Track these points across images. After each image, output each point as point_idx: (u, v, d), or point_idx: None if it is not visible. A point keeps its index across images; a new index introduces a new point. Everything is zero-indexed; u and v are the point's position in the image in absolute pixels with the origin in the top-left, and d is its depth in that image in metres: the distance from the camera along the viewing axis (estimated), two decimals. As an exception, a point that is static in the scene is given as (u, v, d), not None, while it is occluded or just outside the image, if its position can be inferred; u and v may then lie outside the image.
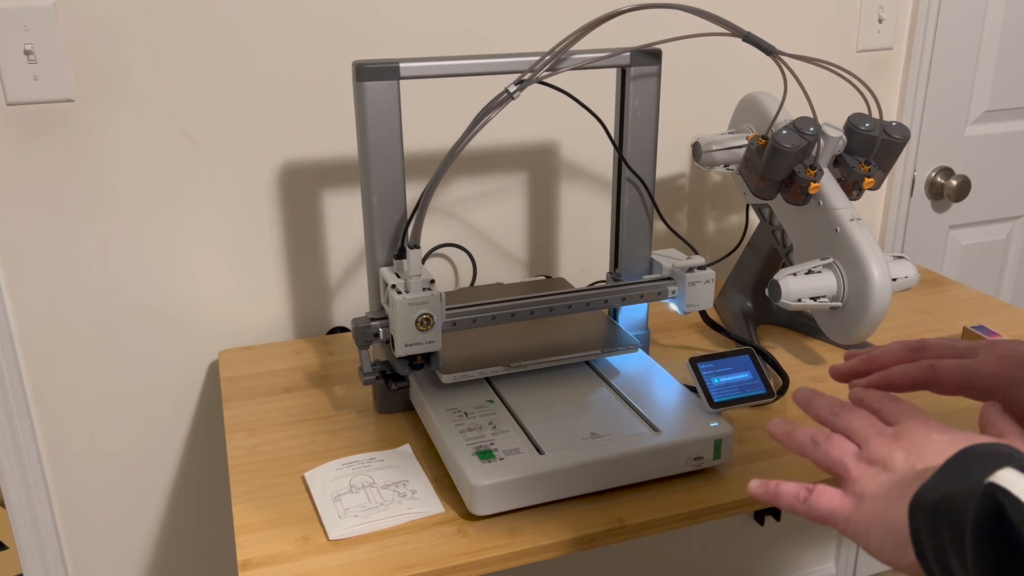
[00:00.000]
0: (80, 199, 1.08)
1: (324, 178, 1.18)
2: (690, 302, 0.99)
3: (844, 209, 0.98)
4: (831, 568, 1.73)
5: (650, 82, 0.97)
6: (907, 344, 0.72)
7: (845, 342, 1.00)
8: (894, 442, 0.55)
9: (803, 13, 1.35)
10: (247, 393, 1.04)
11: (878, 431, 0.57)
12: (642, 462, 0.83)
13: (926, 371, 0.69)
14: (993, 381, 0.67)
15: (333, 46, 1.12)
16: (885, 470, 0.53)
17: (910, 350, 0.72)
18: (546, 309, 0.95)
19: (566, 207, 1.31)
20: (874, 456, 0.55)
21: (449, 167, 0.84)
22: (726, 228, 1.42)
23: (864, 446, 0.56)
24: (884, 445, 0.55)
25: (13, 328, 1.10)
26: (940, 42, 1.44)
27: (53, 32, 1.00)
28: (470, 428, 0.86)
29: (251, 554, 0.76)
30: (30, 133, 1.04)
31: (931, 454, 0.52)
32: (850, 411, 0.60)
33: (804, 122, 0.96)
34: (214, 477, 1.26)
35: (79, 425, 1.17)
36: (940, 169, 1.54)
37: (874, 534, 0.51)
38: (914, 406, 0.60)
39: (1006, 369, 0.67)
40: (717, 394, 0.88)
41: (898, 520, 0.48)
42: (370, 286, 0.94)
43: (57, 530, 1.20)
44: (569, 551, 0.78)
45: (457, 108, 1.19)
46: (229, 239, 1.16)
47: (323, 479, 0.85)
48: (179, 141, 1.10)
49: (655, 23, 1.25)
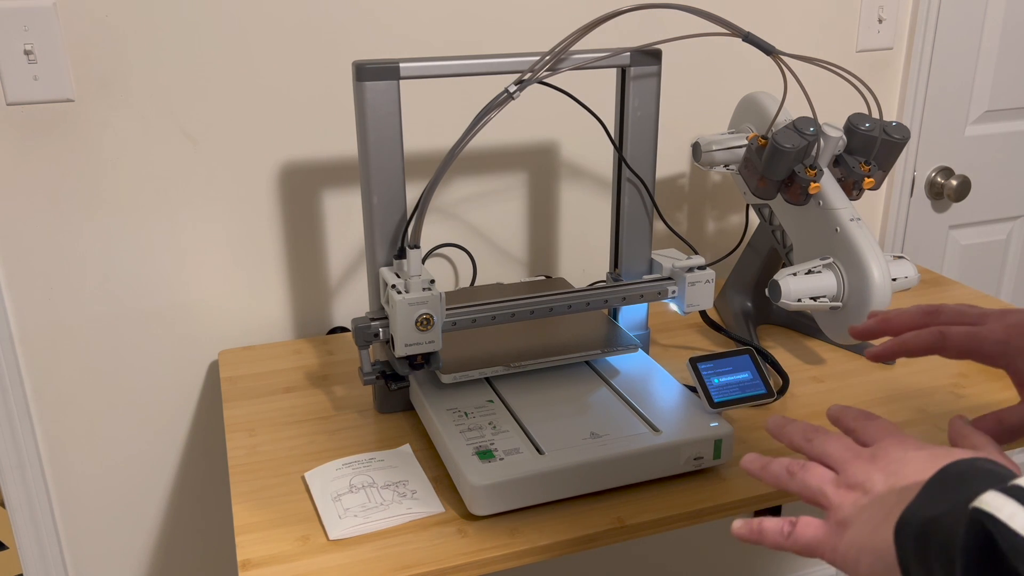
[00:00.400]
0: (80, 199, 1.08)
1: (324, 178, 1.18)
2: (690, 302, 0.99)
3: (844, 209, 0.98)
4: (831, 568, 1.73)
5: (650, 82, 0.97)
6: (921, 308, 0.73)
7: (845, 342, 1.00)
8: (871, 464, 0.54)
9: (803, 13, 1.35)
10: (247, 393, 1.04)
11: (854, 454, 0.56)
12: (642, 462, 0.83)
13: (936, 336, 0.70)
14: (999, 349, 0.68)
15: (333, 46, 1.12)
16: (865, 494, 0.52)
17: (924, 314, 0.73)
18: (546, 309, 0.95)
19: (566, 207, 1.31)
20: (852, 480, 0.54)
21: (449, 167, 0.85)
22: (726, 228, 1.42)
23: (841, 471, 0.55)
24: (862, 468, 0.54)
25: (13, 328, 1.10)
26: (940, 42, 1.44)
27: (53, 32, 1.00)
28: (470, 428, 0.86)
29: (251, 554, 0.76)
30: (30, 133, 1.04)
31: (910, 473, 0.51)
32: (824, 436, 0.59)
33: (804, 122, 0.96)
34: (214, 477, 1.26)
35: (79, 425, 1.17)
36: (940, 169, 1.54)
37: (863, 561, 0.50)
38: (890, 424, 0.59)
39: (1012, 338, 0.68)
40: (717, 394, 0.88)
41: (885, 546, 0.47)
42: (370, 286, 0.94)
43: (57, 530, 1.20)
44: (569, 551, 0.78)
45: (457, 108, 1.19)
46: (229, 239, 1.16)
47: (323, 479, 0.85)
48: (179, 141, 1.10)
49: (655, 23, 1.25)
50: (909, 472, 0.51)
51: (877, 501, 0.51)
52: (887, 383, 1.04)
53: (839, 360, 1.11)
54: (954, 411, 0.97)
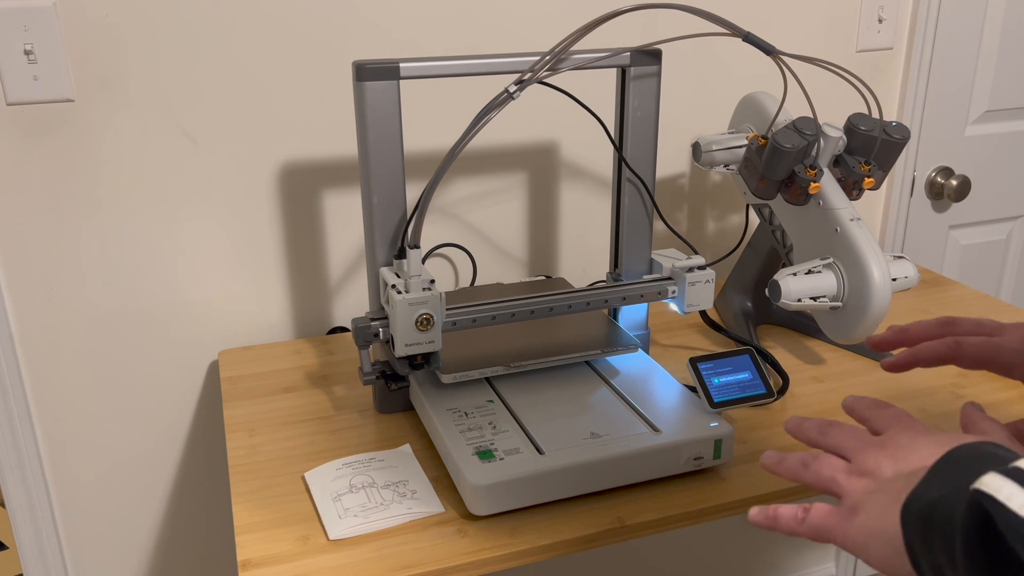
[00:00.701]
0: (80, 199, 1.08)
1: (324, 178, 1.18)
2: (690, 302, 0.99)
3: (844, 209, 0.98)
4: (831, 568, 1.73)
5: (650, 82, 0.97)
6: (938, 320, 0.74)
7: (845, 342, 1.00)
8: (881, 451, 0.55)
9: (803, 13, 1.35)
10: (247, 393, 1.04)
11: (865, 442, 0.57)
12: (642, 462, 0.83)
13: (951, 347, 0.71)
14: (1017, 358, 0.69)
15: (334, 46, 1.12)
16: (875, 480, 0.53)
17: (940, 324, 0.74)
18: (546, 309, 0.95)
19: (566, 207, 1.31)
20: (863, 468, 0.55)
21: (449, 167, 0.85)
22: (726, 228, 1.42)
23: (853, 459, 0.56)
24: (872, 455, 0.55)
25: (13, 328, 1.10)
26: (940, 42, 1.44)
27: (53, 32, 1.00)
28: (470, 428, 0.86)
29: (251, 554, 0.76)
30: (30, 133, 1.03)
31: (917, 458, 0.52)
32: (837, 428, 0.60)
33: (804, 122, 0.96)
34: (214, 477, 1.26)
35: (79, 425, 1.17)
36: (940, 169, 1.54)
37: (872, 546, 0.51)
38: (902, 412, 0.60)
39: None
40: (717, 394, 0.88)
41: (893, 529, 0.48)
42: (370, 286, 0.94)
43: (57, 530, 1.20)
44: (569, 551, 0.78)
45: (457, 108, 1.19)
46: (229, 239, 1.16)
47: (323, 479, 0.85)
48: (179, 141, 1.10)
49: (655, 23, 1.25)
50: (916, 458, 0.52)
51: (886, 486, 0.52)
52: (888, 383, 1.04)
53: (839, 360, 1.11)
54: (954, 411, 0.97)
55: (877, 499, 0.52)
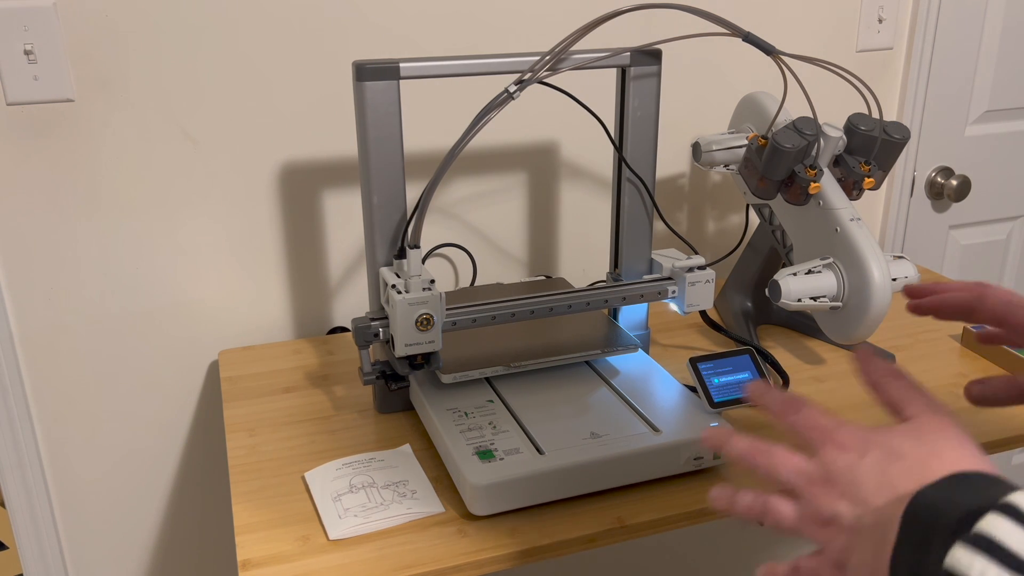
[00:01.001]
0: (80, 199, 1.08)
1: (324, 178, 1.17)
2: (690, 302, 0.99)
3: (844, 209, 0.98)
4: (831, 568, 1.72)
5: (650, 82, 0.97)
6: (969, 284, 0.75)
7: (845, 342, 1.00)
8: (828, 489, 0.51)
9: (803, 13, 1.35)
10: (247, 393, 1.04)
11: (806, 479, 0.53)
12: (642, 462, 0.83)
13: (976, 293, 0.72)
14: None
15: (334, 46, 1.12)
16: (841, 530, 0.50)
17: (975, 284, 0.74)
18: (546, 309, 0.95)
19: (566, 207, 1.31)
20: (819, 515, 0.52)
21: (449, 167, 0.85)
22: (726, 228, 1.42)
23: (803, 501, 0.53)
24: (822, 498, 0.51)
25: (13, 328, 1.10)
26: (940, 42, 1.44)
27: (53, 32, 1.00)
28: (470, 428, 0.86)
29: (251, 554, 0.76)
30: (30, 133, 1.03)
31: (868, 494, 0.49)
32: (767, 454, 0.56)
33: (804, 122, 0.96)
34: (214, 477, 1.26)
35: (79, 425, 1.17)
36: (940, 169, 1.54)
37: None
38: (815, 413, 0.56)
39: None
40: (717, 394, 0.88)
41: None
42: (370, 286, 0.94)
43: (57, 530, 1.20)
44: (569, 551, 0.78)
45: (457, 108, 1.19)
46: (229, 239, 1.16)
47: (323, 479, 0.85)
48: (179, 141, 1.10)
49: (655, 23, 1.25)
50: (867, 493, 0.49)
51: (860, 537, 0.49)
52: (887, 383, 1.04)
53: (839, 360, 1.11)
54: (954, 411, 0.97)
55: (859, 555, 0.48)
